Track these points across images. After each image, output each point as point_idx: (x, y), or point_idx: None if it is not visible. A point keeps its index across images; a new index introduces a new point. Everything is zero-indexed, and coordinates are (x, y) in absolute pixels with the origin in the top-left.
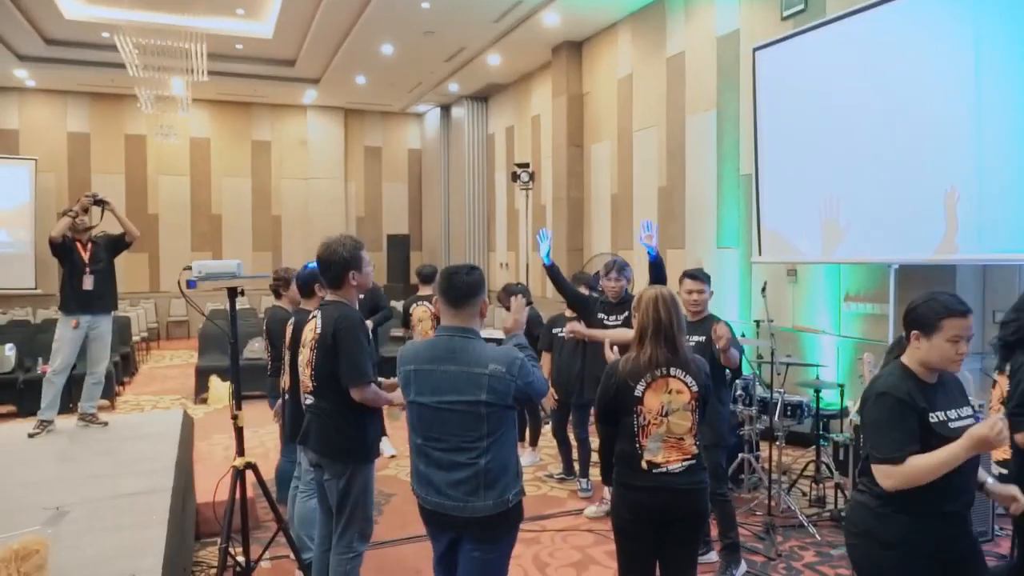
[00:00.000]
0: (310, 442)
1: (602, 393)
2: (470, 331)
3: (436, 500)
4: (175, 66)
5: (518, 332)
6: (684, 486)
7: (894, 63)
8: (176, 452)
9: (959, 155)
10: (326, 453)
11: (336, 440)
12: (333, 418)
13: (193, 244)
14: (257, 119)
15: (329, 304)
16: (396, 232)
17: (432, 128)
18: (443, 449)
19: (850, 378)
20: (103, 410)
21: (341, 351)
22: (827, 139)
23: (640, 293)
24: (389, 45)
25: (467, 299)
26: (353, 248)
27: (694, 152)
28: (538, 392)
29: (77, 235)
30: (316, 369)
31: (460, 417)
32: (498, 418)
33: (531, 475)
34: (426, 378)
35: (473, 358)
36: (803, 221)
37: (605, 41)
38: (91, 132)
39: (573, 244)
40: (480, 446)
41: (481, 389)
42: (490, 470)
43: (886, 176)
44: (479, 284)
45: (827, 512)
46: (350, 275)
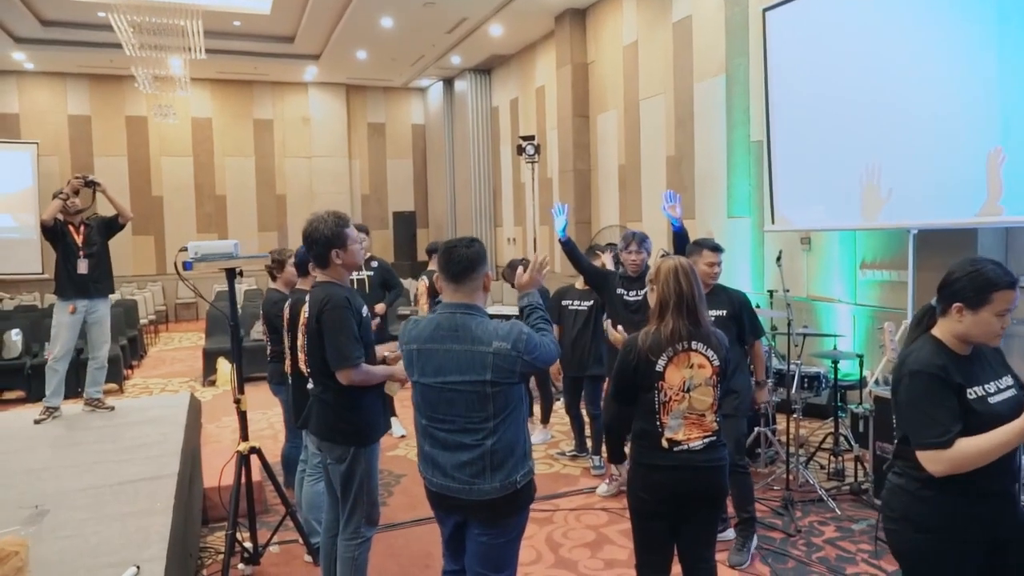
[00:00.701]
0: (311, 426)
1: (620, 369)
2: (473, 307)
3: (441, 482)
4: (172, 45)
5: (532, 291)
6: (705, 463)
7: (912, 20)
8: (182, 436)
9: (985, 116)
10: (326, 437)
11: (335, 423)
12: (331, 402)
13: (198, 225)
14: (259, 97)
15: (318, 285)
16: (402, 209)
17: (435, 102)
18: (448, 430)
19: (868, 347)
20: (111, 394)
21: (325, 334)
22: (842, 102)
23: (658, 264)
24: (389, 18)
25: (468, 273)
26: (336, 225)
27: (703, 119)
28: (547, 360)
29: (69, 218)
30: (309, 354)
31: (465, 397)
32: (504, 397)
33: (543, 452)
34: (429, 358)
35: (476, 336)
36: (818, 187)
37: (609, 7)
38: (92, 114)
39: (581, 217)
40: (486, 427)
41: (486, 368)
42: (496, 451)
43: (908, 139)
44: (480, 257)
45: (847, 485)
46: (333, 253)
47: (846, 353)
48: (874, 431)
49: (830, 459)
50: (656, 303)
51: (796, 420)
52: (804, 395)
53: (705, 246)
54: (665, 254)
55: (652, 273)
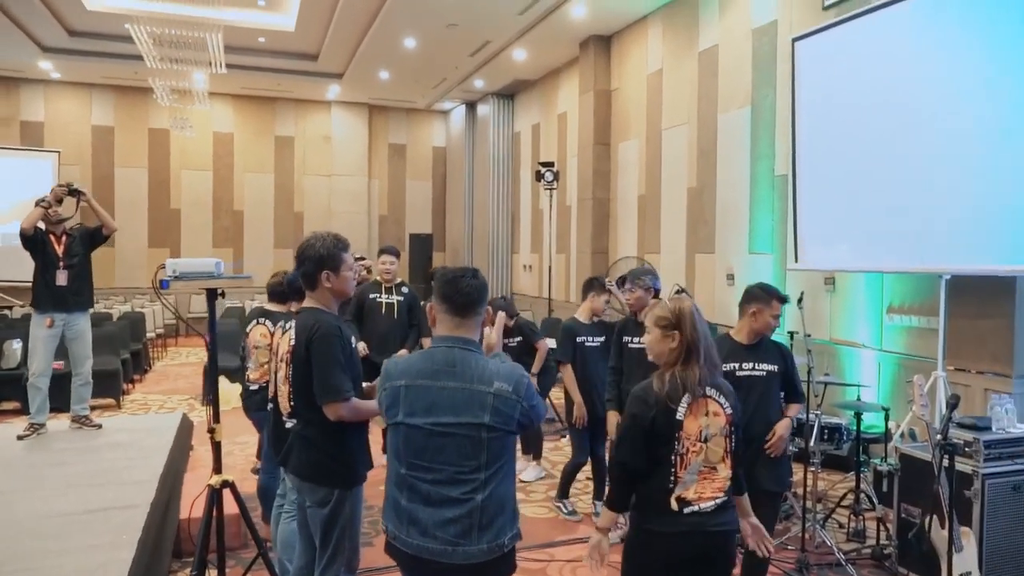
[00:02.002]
0: (290, 465)
1: (634, 423)
2: (472, 343)
3: (419, 543)
4: (193, 58)
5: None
6: (716, 527)
7: (947, 54)
8: (165, 461)
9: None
10: (308, 477)
11: (318, 463)
12: (314, 439)
13: (215, 240)
14: (281, 114)
15: (305, 311)
16: (419, 231)
17: (457, 126)
18: (433, 481)
19: (894, 398)
20: (108, 409)
21: (313, 365)
22: (873, 137)
23: (678, 307)
24: (412, 38)
25: (475, 306)
26: (333, 246)
27: (726, 151)
28: (541, 415)
29: (51, 227)
30: (294, 387)
31: (457, 442)
32: (500, 445)
33: (542, 494)
34: (421, 395)
35: (476, 373)
36: (844, 226)
37: (635, 35)
38: (115, 125)
39: (598, 247)
40: (477, 478)
41: (484, 410)
42: (486, 508)
43: (941, 177)
44: (486, 289)
45: (867, 548)
46: (323, 275)
47: (870, 405)
48: (899, 491)
49: (850, 518)
50: (680, 347)
51: (815, 474)
52: (824, 447)
53: (775, 296)
54: (680, 291)
55: (670, 315)
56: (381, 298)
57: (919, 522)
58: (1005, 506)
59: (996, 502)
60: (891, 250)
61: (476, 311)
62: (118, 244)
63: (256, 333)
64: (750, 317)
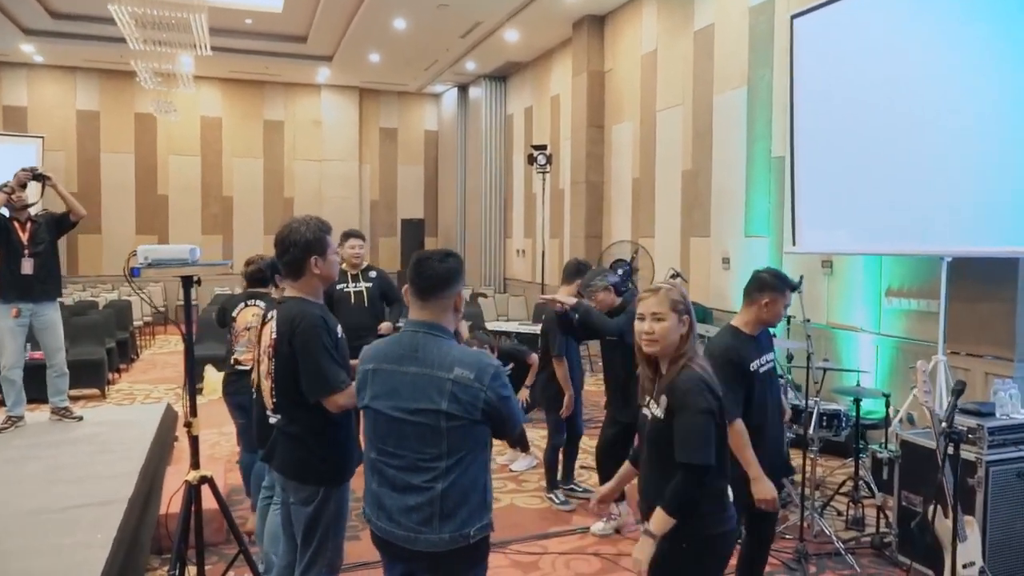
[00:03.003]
0: (275, 462)
1: (712, 420)
2: (438, 327)
3: (386, 527)
4: (177, 40)
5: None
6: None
7: (949, 32)
8: (146, 455)
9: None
10: (293, 475)
11: (304, 460)
12: (300, 436)
13: (203, 226)
14: (270, 98)
15: (287, 300)
16: (411, 216)
17: (449, 109)
18: (397, 467)
19: (892, 382)
20: (92, 400)
21: (300, 360)
22: (872, 117)
23: (681, 292)
24: (402, 19)
25: (438, 290)
26: (318, 229)
27: (722, 133)
28: (515, 416)
29: (15, 214)
30: (277, 382)
31: (417, 429)
32: (461, 435)
33: (535, 483)
34: (385, 379)
35: (436, 359)
36: (843, 208)
37: (629, 14)
38: (101, 110)
39: (592, 231)
40: (437, 467)
41: (442, 396)
42: (447, 497)
43: (943, 158)
44: (454, 273)
45: (867, 537)
46: (312, 261)
47: (870, 391)
48: (900, 478)
49: (849, 505)
50: (690, 332)
51: (813, 460)
52: (822, 434)
53: (789, 285)
54: (676, 275)
55: (682, 298)
56: (349, 287)
57: (922, 511)
58: (1009, 494)
59: (1000, 490)
60: (891, 233)
61: (440, 294)
62: (105, 231)
63: (247, 314)
64: (760, 307)
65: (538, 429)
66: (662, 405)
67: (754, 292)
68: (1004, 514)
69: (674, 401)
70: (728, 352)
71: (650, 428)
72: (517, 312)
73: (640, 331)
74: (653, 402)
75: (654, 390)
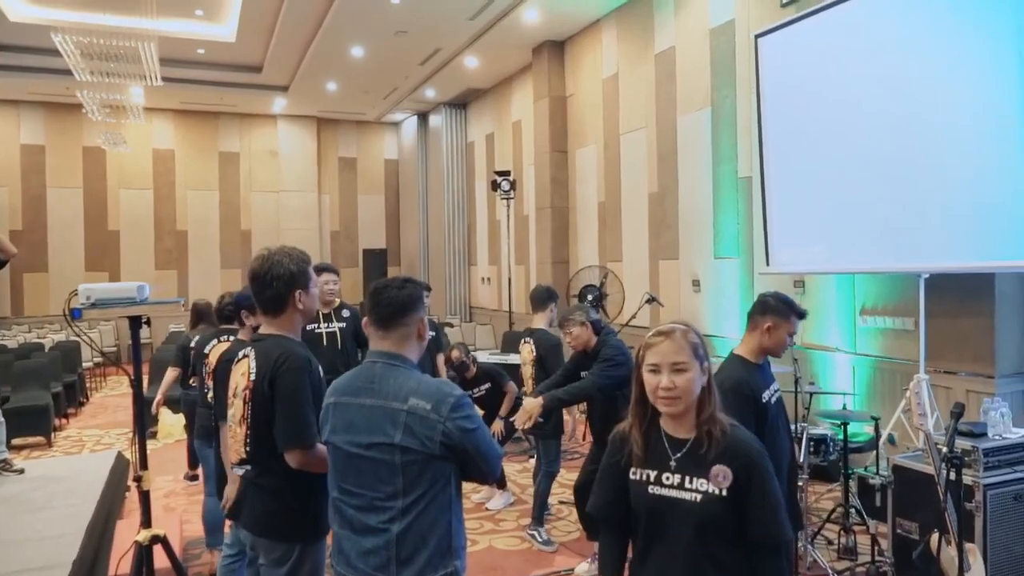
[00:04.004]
0: (243, 518)
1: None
2: (397, 357)
3: (344, 572)
4: (125, 71)
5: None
6: None
7: (917, 46)
8: (92, 511)
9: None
10: (264, 532)
11: (277, 515)
12: (275, 490)
13: (157, 262)
14: (224, 129)
15: (265, 338)
16: (373, 247)
17: (409, 137)
18: (355, 507)
19: (872, 403)
20: (37, 448)
21: (278, 404)
22: (842, 134)
23: (688, 329)
24: (359, 47)
25: (398, 317)
26: (301, 260)
27: (687, 154)
28: (484, 451)
29: None
30: (253, 428)
31: (372, 466)
32: (418, 471)
33: (513, 522)
34: (343, 412)
35: (392, 389)
36: (816, 227)
37: (588, 39)
38: (46, 144)
39: (558, 256)
40: (393, 507)
41: (396, 428)
42: (403, 541)
43: (911, 174)
44: (412, 301)
45: (861, 567)
46: (296, 295)
47: (858, 413)
48: (894, 505)
49: (840, 533)
50: (711, 379)
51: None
52: (809, 459)
53: (794, 310)
54: (651, 299)
55: (696, 346)
56: (320, 327)
57: (923, 540)
58: (1007, 517)
59: (999, 514)
60: (866, 250)
61: (400, 323)
62: (52, 269)
63: (220, 350)
64: (763, 332)
65: (513, 463)
66: (719, 479)
67: (756, 316)
68: (1003, 538)
69: (742, 472)
70: (740, 385)
71: (699, 510)
72: (485, 341)
73: (655, 387)
74: (682, 477)
75: (670, 459)
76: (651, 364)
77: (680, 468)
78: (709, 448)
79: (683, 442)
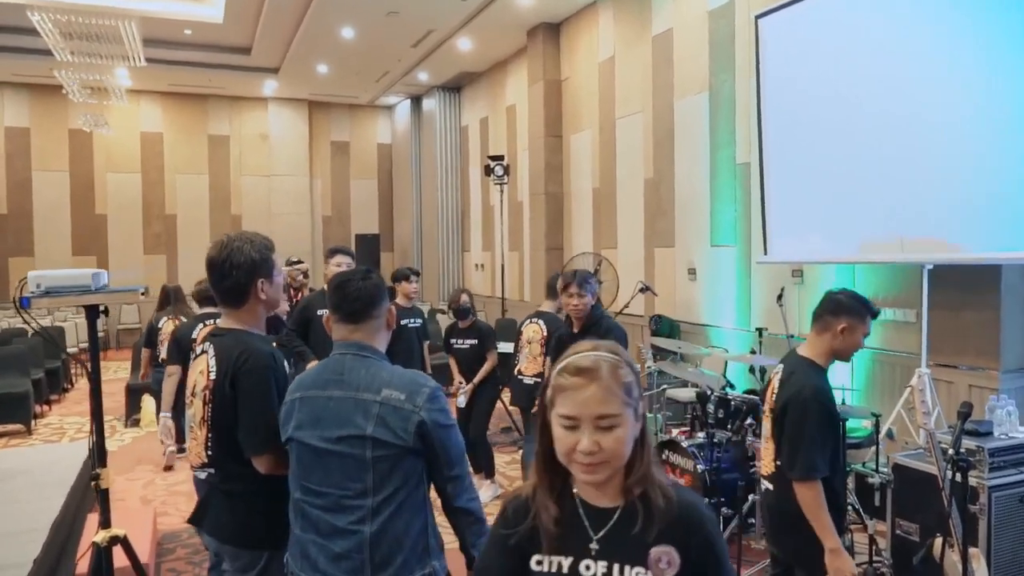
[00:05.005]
0: (207, 524)
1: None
2: (367, 348)
3: None
4: (107, 51)
5: None
6: None
7: (924, 29)
8: (61, 505)
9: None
10: (230, 539)
11: (245, 523)
12: (242, 496)
13: (146, 246)
14: (214, 112)
15: (225, 333)
16: (365, 231)
17: (402, 121)
18: (321, 507)
19: (871, 397)
20: (17, 436)
21: (240, 405)
22: (845, 120)
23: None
24: (350, 28)
25: (367, 311)
26: (263, 247)
27: (684, 140)
28: (453, 450)
29: None
30: (214, 431)
31: (339, 461)
32: (390, 466)
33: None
34: (311, 407)
35: (363, 381)
36: (817, 215)
37: (584, 21)
38: (31, 127)
39: (552, 243)
40: (364, 505)
41: (367, 420)
42: (378, 543)
43: (917, 162)
44: (380, 291)
45: (859, 567)
46: (258, 285)
47: (858, 409)
48: (893, 505)
49: None
50: (645, 426)
51: None
52: None
53: (871, 310)
54: (645, 288)
55: (629, 385)
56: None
57: (924, 543)
58: (1012, 520)
59: (1004, 517)
60: (868, 240)
61: (370, 315)
62: (38, 253)
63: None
64: (835, 335)
65: (502, 454)
66: (661, 566)
67: (827, 316)
68: (1008, 542)
69: (696, 553)
70: (820, 394)
71: None
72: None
73: (571, 448)
74: (609, 566)
75: (590, 539)
76: (566, 416)
77: (605, 553)
78: (646, 521)
79: (607, 514)
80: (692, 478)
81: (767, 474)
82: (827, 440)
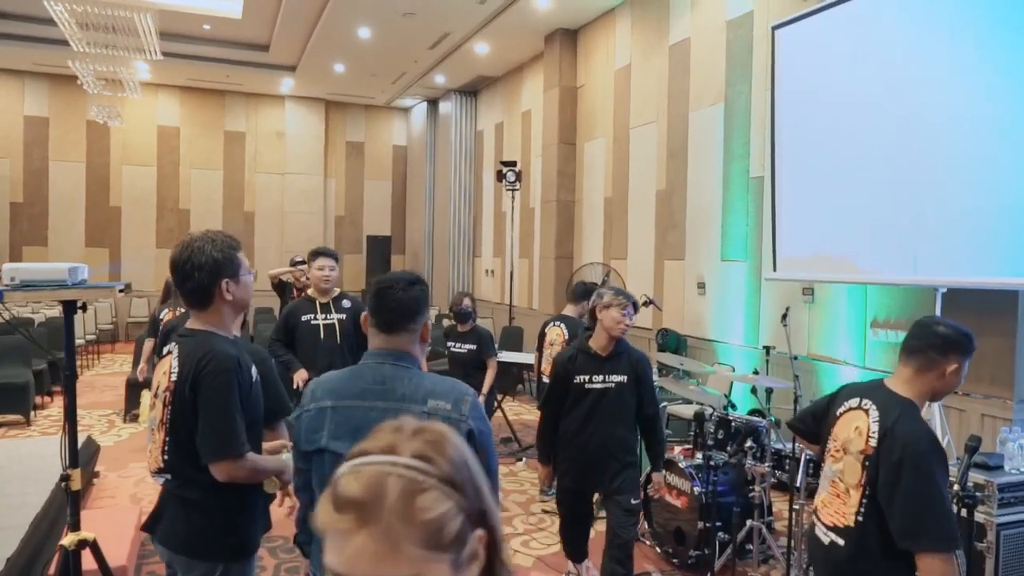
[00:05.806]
0: (159, 532)
1: None
2: (405, 357)
3: None
4: (124, 43)
5: None
6: None
7: (942, 45)
8: (46, 500)
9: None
10: (184, 550)
11: (199, 533)
12: (198, 504)
13: (158, 240)
14: (231, 108)
15: (190, 335)
16: (377, 233)
17: (418, 123)
18: None
19: None
20: (15, 426)
21: (200, 410)
22: (861, 136)
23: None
24: (366, 28)
25: (405, 321)
26: (227, 246)
27: (697, 151)
28: (494, 455)
29: None
30: (172, 434)
31: None
32: None
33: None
34: (348, 417)
35: (408, 391)
36: (829, 233)
37: (602, 28)
38: (50, 116)
39: (562, 251)
40: None
41: None
42: None
43: (932, 181)
44: (421, 302)
45: None
46: (222, 286)
47: None
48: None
49: None
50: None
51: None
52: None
53: (974, 346)
54: (649, 301)
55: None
56: (317, 319)
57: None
58: (1022, 560)
59: (1012, 556)
60: (881, 260)
61: (407, 327)
62: (52, 243)
63: None
64: (943, 376)
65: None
66: None
67: (933, 353)
68: None
69: None
70: (937, 443)
71: None
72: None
73: None
74: None
75: None
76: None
77: None
78: None
79: None
80: (688, 499)
81: (839, 526)
82: (943, 491)
